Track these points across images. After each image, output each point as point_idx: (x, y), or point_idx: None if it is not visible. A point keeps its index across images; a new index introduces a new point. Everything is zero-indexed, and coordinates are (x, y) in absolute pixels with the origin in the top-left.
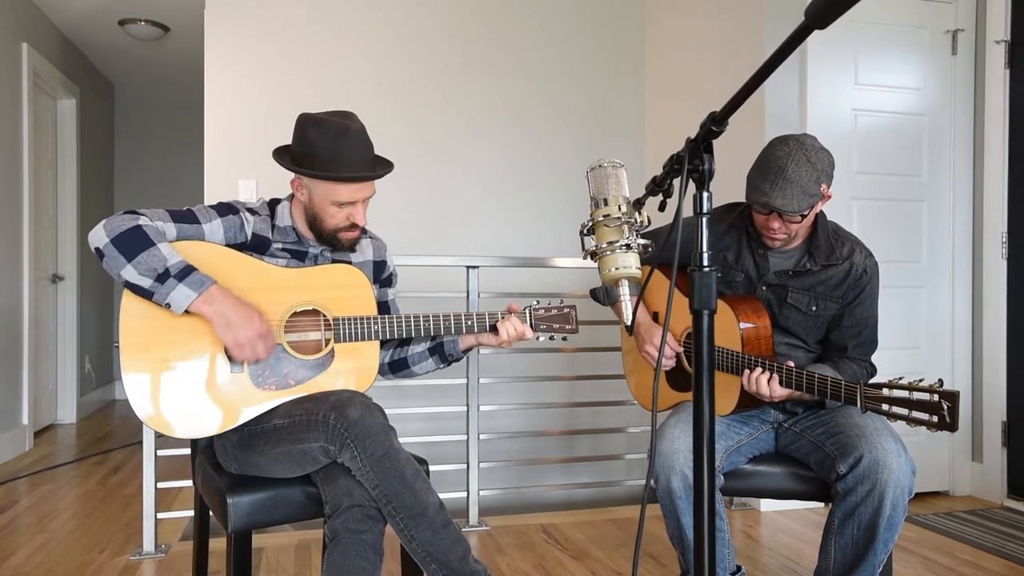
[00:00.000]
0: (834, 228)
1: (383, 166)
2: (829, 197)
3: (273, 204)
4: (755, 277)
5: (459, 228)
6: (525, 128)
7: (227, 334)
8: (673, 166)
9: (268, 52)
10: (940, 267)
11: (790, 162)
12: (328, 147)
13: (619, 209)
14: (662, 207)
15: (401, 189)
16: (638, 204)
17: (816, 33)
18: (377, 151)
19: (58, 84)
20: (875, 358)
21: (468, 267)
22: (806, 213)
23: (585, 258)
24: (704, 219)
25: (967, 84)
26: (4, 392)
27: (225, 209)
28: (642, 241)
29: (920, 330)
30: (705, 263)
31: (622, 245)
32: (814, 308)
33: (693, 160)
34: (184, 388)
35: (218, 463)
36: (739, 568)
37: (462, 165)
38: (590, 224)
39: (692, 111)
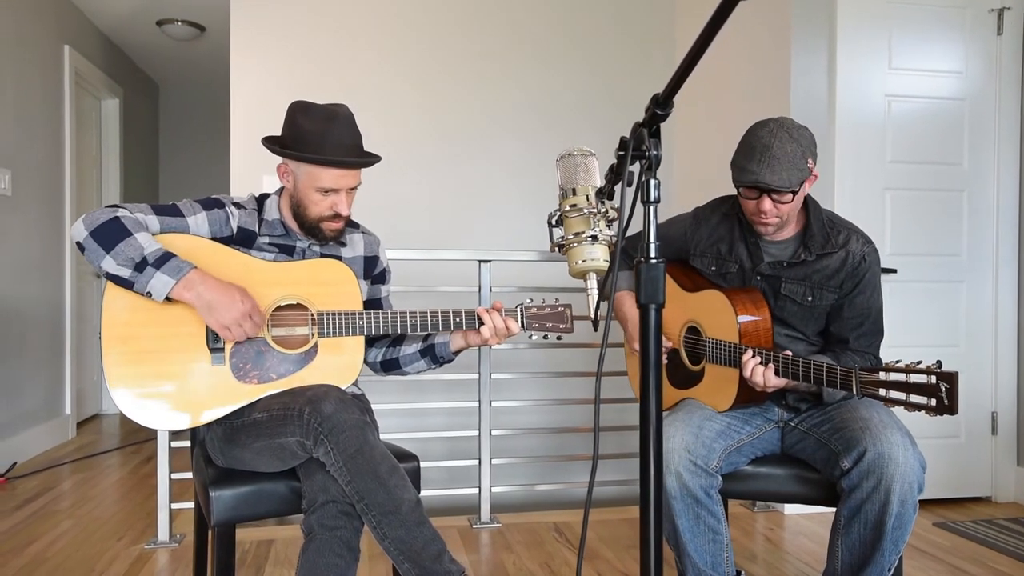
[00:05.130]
0: (829, 216)
1: (370, 157)
2: (816, 176)
3: (262, 199)
4: (749, 268)
5: (479, 222)
6: (548, 122)
7: (210, 318)
8: (618, 152)
9: (291, 49)
10: (982, 260)
11: (774, 140)
12: (315, 131)
13: (587, 199)
14: (610, 195)
15: (422, 183)
16: (600, 193)
17: (847, 15)
18: (398, 145)
19: (101, 85)
20: (910, 355)
21: (480, 261)
22: (796, 190)
23: (552, 250)
24: (653, 208)
25: (1014, 66)
26: (47, 383)
27: (210, 203)
28: (610, 232)
29: (959, 327)
30: (653, 255)
31: (589, 236)
32: (810, 298)
33: (640, 146)
34: (163, 380)
35: (209, 456)
36: (739, 573)
37: (483, 160)
38: (558, 215)
39: (721, 106)
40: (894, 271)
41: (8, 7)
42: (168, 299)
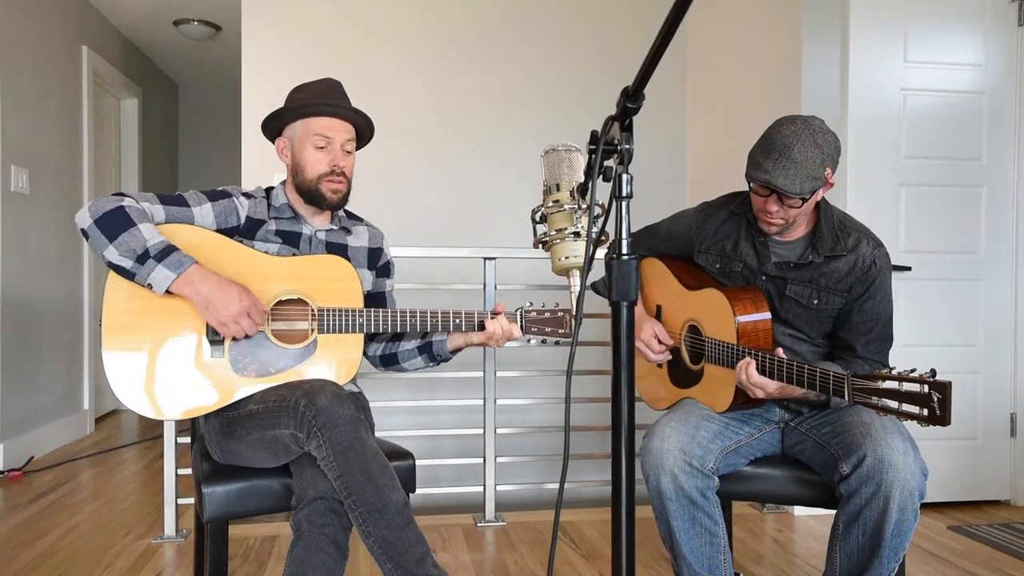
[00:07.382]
0: (840, 218)
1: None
2: (832, 184)
3: (270, 189)
4: (755, 267)
5: (485, 220)
6: (557, 119)
7: (209, 315)
8: (589, 147)
9: (302, 47)
10: (1001, 257)
11: (796, 141)
12: (306, 95)
13: (570, 196)
14: (584, 191)
15: (429, 180)
16: (581, 189)
17: (860, 6)
18: (407, 142)
19: (120, 85)
20: (926, 355)
21: (485, 259)
22: (807, 197)
23: (536, 246)
24: (625, 203)
25: None
26: (66, 378)
27: (217, 194)
28: (594, 229)
29: (977, 326)
30: (624, 251)
31: (571, 233)
32: (815, 301)
33: (612, 141)
34: (161, 370)
35: (207, 452)
36: (737, 575)
37: (491, 157)
38: (541, 211)
39: (731, 100)
40: (908, 269)
41: (27, 8)
42: (168, 293)
